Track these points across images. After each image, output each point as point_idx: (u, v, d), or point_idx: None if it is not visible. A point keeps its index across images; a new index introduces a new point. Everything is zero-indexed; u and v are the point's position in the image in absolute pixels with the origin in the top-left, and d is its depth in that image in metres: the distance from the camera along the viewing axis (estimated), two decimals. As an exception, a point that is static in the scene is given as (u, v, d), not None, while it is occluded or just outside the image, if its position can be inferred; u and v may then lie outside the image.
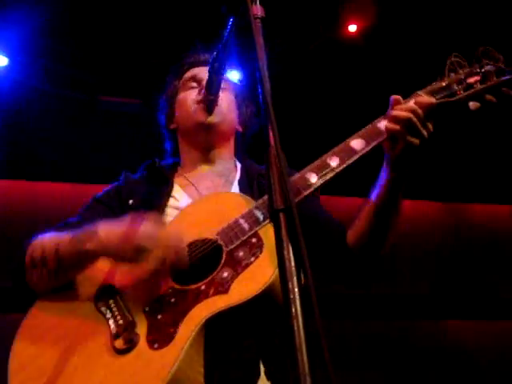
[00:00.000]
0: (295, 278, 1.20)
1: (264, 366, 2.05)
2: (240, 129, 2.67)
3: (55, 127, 5.63)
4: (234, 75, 4.41)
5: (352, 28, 5.63)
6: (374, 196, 2.19)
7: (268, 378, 2.04)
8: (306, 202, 2.07)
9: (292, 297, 1.18)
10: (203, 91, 2.45)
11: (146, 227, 1.96)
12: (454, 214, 6.96)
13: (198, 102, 2.49)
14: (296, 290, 1.19)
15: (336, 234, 2.31)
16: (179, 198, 2.38)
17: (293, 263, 1.22)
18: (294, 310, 1.17)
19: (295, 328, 1.15)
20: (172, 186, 2.43)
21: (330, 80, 5.71)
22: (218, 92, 2.46)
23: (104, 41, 5.36)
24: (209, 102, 2.46)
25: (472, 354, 6.23)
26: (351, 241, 2.25)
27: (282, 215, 1.27)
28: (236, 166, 2.57)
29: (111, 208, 2.40)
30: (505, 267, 6.71)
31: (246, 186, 2.41)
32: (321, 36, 5.58)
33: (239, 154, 2.65)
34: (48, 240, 2.12)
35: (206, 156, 2.54)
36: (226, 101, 2.55)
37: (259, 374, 2.02)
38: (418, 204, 6.38)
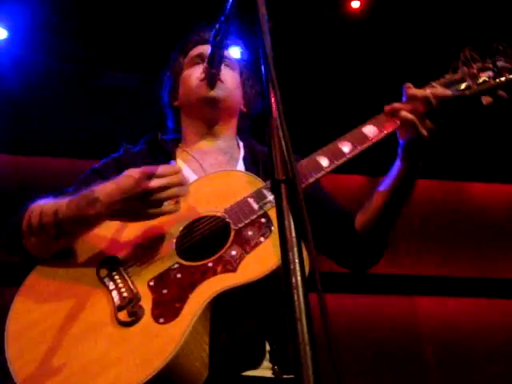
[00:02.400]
0: (296, 249, 1.20)
1: (269, 347, 2.05)
2: (244, 109, 2.66)
3: (55, 101, 5.60)
4: (236, 50, 4.41)
5: (355, 4, 5.58)
6: (385, 184, 2.22)
7: (271, 359, 2.04)
8: (311, 187, 2.09)
9: (292, 267, 1.18)
10: (206, 72, 2.45)
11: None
12: (451, 192, 6.94)
13: (202, 79, 2.49)
14: (297, 260, 1.19)
15: (344, 218, 2.35)
16: (183, 171, 2.36)
17: (294, 233, 1.22)
18: (294, 280, 1.17)
19: (295, 298, 1.15)
20: (175, 159, 2.42)
21: (333, 57, 5.68)
22: (220, 66, 2.45)
23: (105, 14, 5.32)
24: (211, 75, 2.45)
25: (474, 333, 6.27)
26: (360, 226, 2.29)
27: (283, 186, 1.26)
28: (239, 144, 2.56)
29: (108, 179, 2.39)
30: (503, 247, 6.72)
31: (251, 164, 2.40)
32: (323, 12, 5.54)
33: (242, 134, 2.64)
34: (46, 206, 2.09)
35: (209, 131, 2.54)
36: (229, 77, 2.55)
37: (264, 355, 2.03)
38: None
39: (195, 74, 2.54)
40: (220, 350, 1.88)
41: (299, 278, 1.17)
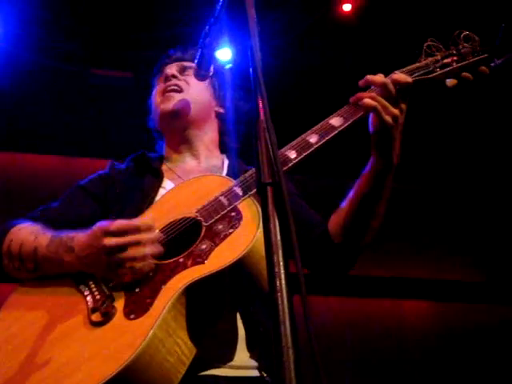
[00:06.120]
0: (280, 252, 1.20)
1: (246, 338, 2.07)
2: (220, 110, 2.65)
3: (45, 99, 5.59)
4: (225, 51, 4.42)
5: (346, 7, 5.59)
6: (357, 183, 2.20)
7: (249, 350, 2.06)
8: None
9: (277, 270, 1.18)
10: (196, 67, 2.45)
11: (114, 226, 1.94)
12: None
13: (161, 94, 2.54)
14: (281, 263, 1.19)
15: (314, 224, 2.33)
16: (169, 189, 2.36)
17: (279, 237, 1.22)
18: (278, 283, 1.17)
19: (279, 301, 1.15)
20: (162, 178, 2.44)
21: (324, 59, 5.69)
22: (210, 67, 2.45)
23: (96, 13, 5.31)
24: (200, 77, 2.46)
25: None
26: (332, 228, 2.25)
27: (269, 189, 1.27)
28: (223, 163, 2.55)
29: (94, 196, 2.40)
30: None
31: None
32: (315, 15, 5.55)
33: (228, 152, 2.64)
34: (27, 240, 2.11)
35: (186, 144, 2.55)
36: (190, 84, 2.56)
37: (236, 345, 2.04)
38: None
39: (155, 92, 2.61)
40: (200, 347, 1.89)
41: (283, 282, 1.17)
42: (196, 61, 2.40)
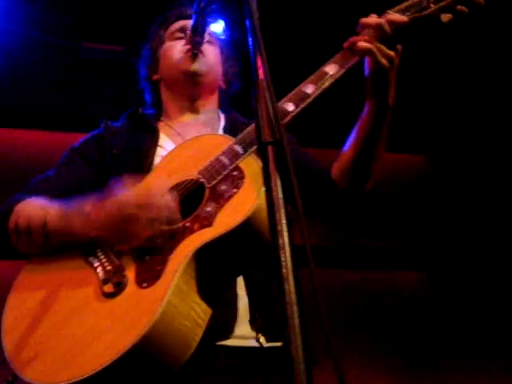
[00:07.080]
0: (283, 210, 1.19)
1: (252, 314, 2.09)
2: (223, 85, 2.66)
3: (36, 74, 5.53)
4: (219, 22, 4.37)
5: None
6: (356, 128, 2.21)
7: (255, 328, 2.08)
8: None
9: (280, 228, 1.18)
10: (189, 40, 2.43)
11: (127, 195, 1.95)
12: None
13: (185, 52, 2.48)
14: (284, 221, 1.19)
15: (320, 170, 2.35)
16: (167, 147, 2.35)
17: (281, 195, 1.21)
18: (281, 241, 1.17)
19: (282, 259, 1.15)
20: (158, 135, 2.42)
21: (318, 18, 5.60)
22: (204, 34, 2.44)
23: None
24: (194, 44, 2.44)
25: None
26: (335, 174, 2.28)
27: (270, 148, 1.26)
28: (219, 117, 2.56)
29: (89, 160, 2.37)
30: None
31: (230, 133, 2.35)
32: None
33: (223, 107, 2.64)
34: (34, 212, 2.08)
35: (191, 105, 2.54)
36: (211, 53, 2.55)
37: (246, 322, 2.07)
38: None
39: (177, 48, 2.53)
40: (214, 308, 1.90)
41: (286, 239, 1.17)
42: (190, 27, 2.39)
